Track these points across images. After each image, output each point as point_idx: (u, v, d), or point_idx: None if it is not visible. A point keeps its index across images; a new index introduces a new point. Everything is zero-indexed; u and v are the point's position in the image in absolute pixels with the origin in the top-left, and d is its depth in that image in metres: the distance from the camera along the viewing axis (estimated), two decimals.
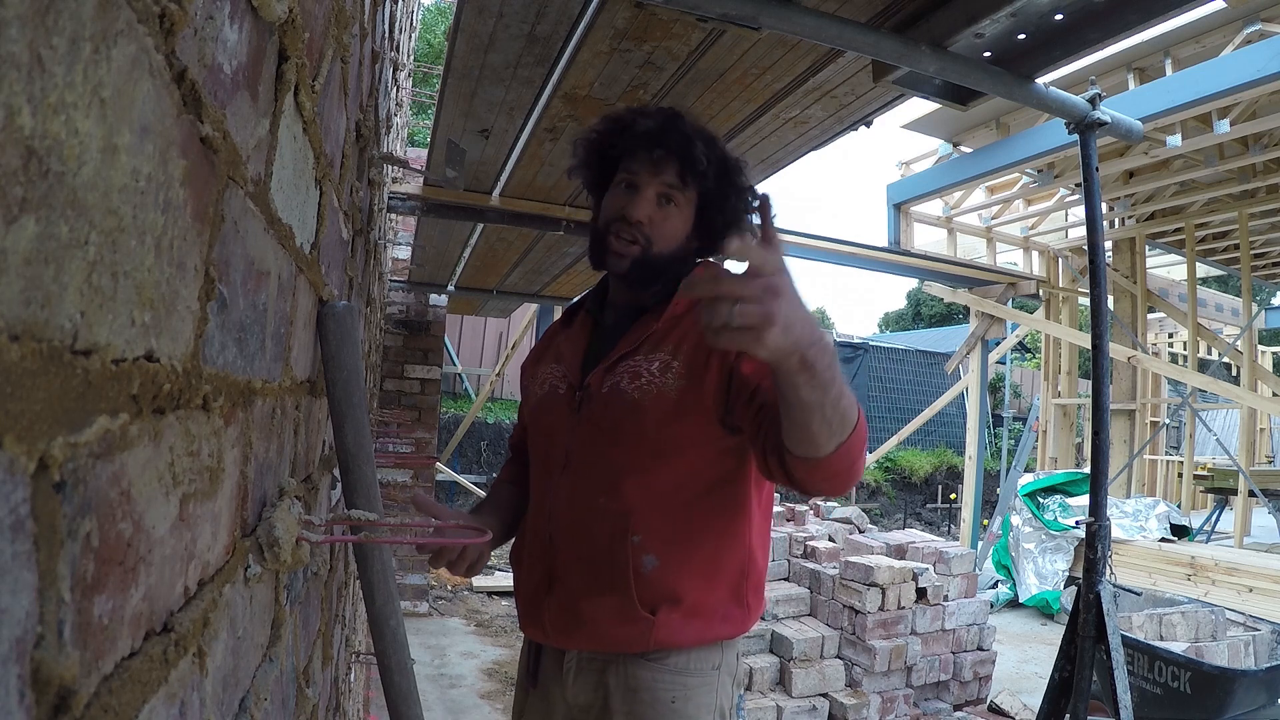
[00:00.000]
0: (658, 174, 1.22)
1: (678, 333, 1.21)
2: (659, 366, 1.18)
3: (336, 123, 0.81)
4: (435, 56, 10.58)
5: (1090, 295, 2.26)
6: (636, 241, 1.21)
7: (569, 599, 1.18)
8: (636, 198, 1.22)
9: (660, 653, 1.16)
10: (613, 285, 1.34)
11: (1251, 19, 4.13)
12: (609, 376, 1.21)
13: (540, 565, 1.22)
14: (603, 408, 1.20)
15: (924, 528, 10.02)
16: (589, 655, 1.20)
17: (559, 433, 1.24)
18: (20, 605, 0.21)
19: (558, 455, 1.23)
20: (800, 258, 6.00)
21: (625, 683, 1.17)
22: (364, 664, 2.27)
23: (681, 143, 1.22)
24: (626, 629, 1.15)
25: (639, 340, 1.22)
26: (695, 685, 1.17)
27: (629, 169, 1.24)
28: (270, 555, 0.55)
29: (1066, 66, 2.09)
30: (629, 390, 1.18)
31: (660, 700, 1.15)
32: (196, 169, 0.34)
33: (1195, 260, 7.20)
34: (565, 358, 1.30)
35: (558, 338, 1.37)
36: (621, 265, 1.22)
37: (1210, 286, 9.94)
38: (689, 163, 1.22)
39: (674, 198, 1.23)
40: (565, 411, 1.24)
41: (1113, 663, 2.05)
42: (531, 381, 1.36)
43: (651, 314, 1.25)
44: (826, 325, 18.63)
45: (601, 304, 1.35)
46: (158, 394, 0.31)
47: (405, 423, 5.25)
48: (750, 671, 3.57)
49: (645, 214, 1.21)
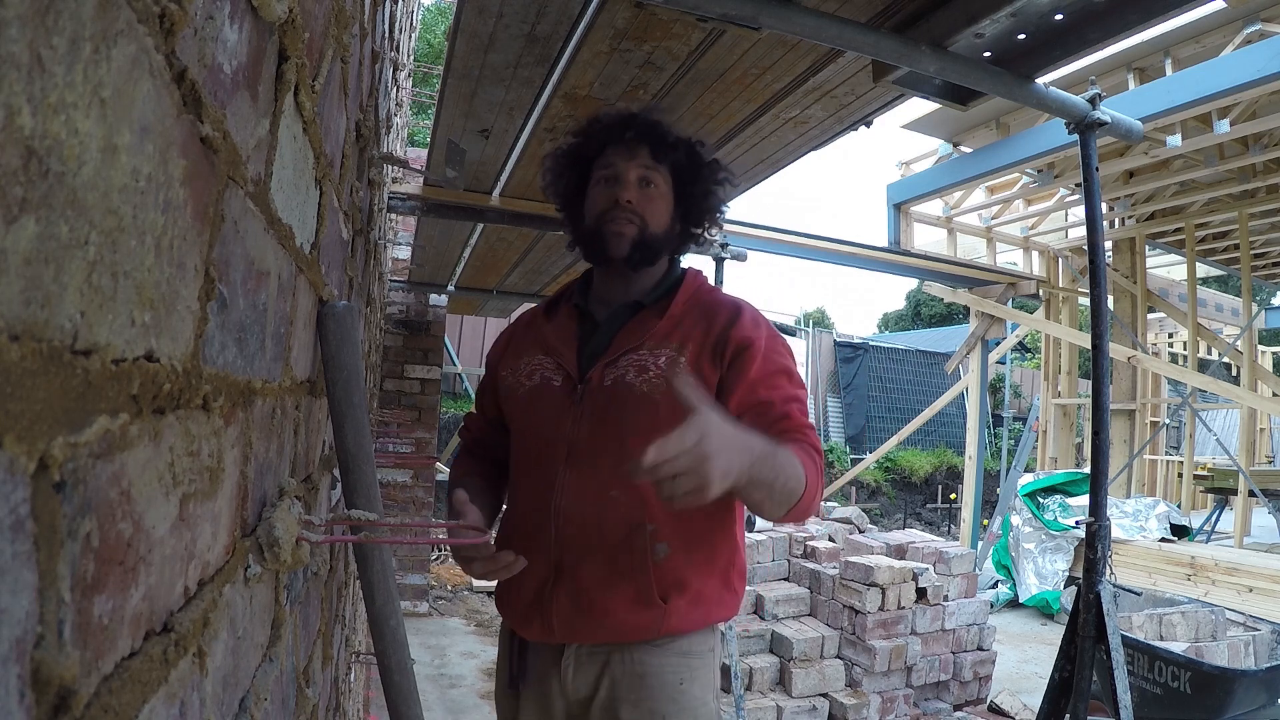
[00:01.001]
0: (633, 158, 1.28)
1: (680, 331, 1.23)
2: (666, 361, 1.20)
3: (336, 123, 0.81)
4: (435, 56, 10.58)
5: (1090, 295, 2.26)
6: (632, 222, 1.26)
7: (580, 591, 1.18)
8: (621, 183, 1.27)
9: (666, 638, 1.19)
10: (600, 279, 1.35)
11: (1251, 19, 4.13)
12: (611, 370, 1.22)
13: (543, 560, 1.20)
14: (608, 401, 1.20)
15: (924, 528, 10.03)
16: (589, 648, 1.21)
17: (558, 426, 1.23)
18: (20, 605, 0.21)
19: (558, 449, 1.22)
20: (800, 258, 6.00)
21: (632, 669, 1.18)
22: (364, 664, 2.27)
23: (646, 126, 1.29)
24: (640, 616, 1.17)
25: (642, 336, 1.24)
26: (699, 666, 1.21)
27: (604, 164, 1.30)
28: (270, 555, 0.55)
29: (1066, 66, 2.09)
30: (637, 384, 1.19)
31: (669, 683, 1.18)
32: (196, 169, 0.34)
33: (1195, 260, 7.20)
34: (557, 350, 1.29)
35: (541, 329, 1.35)
36: (623, 247, 1.26)
37: (1210, 286, 9.94)
38: (658, 141, 1.28)
39: (652, 179, 1.29)
40: (564, 404, 1.24)
41: (1113, 663, 2.05)
42: (513, 373, 1.33)
43: (651, 311, 1.28)
44: (826, 326, 18.62)
45: (586, 298, 1.36)
46: (158, 394, 0.31)
47: (405, 423, 5.24)
48: (750, 671, 3.57)
49: (633, 195, 1.26)
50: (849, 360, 13.14)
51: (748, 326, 1.22)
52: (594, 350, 1.27)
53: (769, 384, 1.19)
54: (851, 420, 12.69)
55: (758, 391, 1.18)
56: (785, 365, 1.23)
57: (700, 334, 1.22)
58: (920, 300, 22.26)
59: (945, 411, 9.89)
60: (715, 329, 1.22)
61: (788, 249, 5.82)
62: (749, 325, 1.22)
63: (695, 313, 1.26)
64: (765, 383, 1.18)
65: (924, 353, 14.13)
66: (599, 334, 1.29)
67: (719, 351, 1.20)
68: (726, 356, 1.20)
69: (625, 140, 1.28)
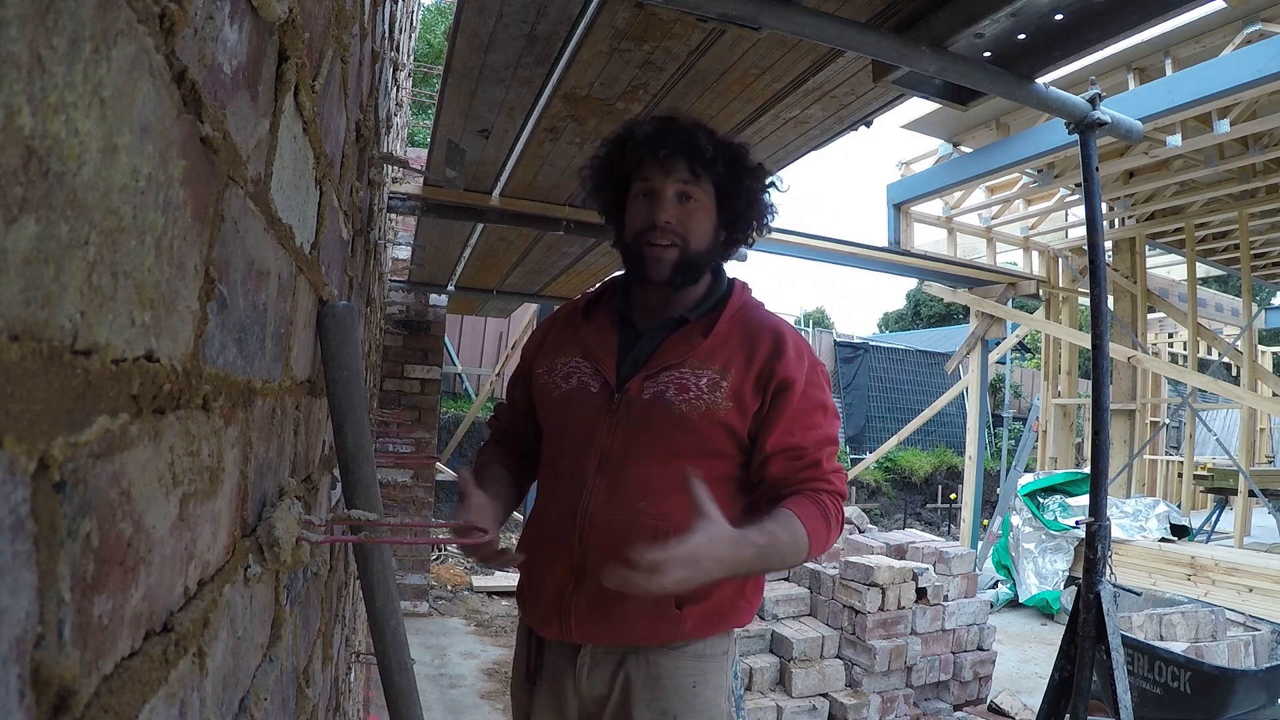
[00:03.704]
0: (670, 174, 1.24)
1: (725, 352, 1.24)
2: (708, 384, 1.21)
3: (336, 123, 0.81)
4: (435, 56, 10.58)
5: (1090, 295, 2.26)
6: (673, 244, 1.24)
7: (601, 595, 1.19)
8: (658, 202, 1.24)
9: (682, 642, 1.22)
10: (642, 290, 1.33)
11: (1251, 19, 4.13)
12: (650, 384, 1.22)
13: (567, 563, 1.22)
14: (645, 414, 1.21)
15: (924, 528, 10.02)
16: (605, 649, 1.22)
17: (592, 432, 1.24)
18: (20, 605, 0.21)
19: (589, 456, 1.23)
20: (800, 257, 6.00)
21: (647, 671, 1.21)
22: (364, 664, 2.27)
23: (684, 138, 1.25)
24: (657, 624, 1.20)
25: (685, 353, 1.24)
26: (711, 669, 1.24)
27: (642, 179, 1.27)
28: (270, 555, 0.55)
29: (1066, 66, 2.09)
30: (677, 402, 1.20)
31: (683, 685, 1.21)
32: (196, 169, 0.34)
33: (1195, 260, 7.19)
34: (596, 356, 1.29)
35: (579, 330, 1.34)
36: (664, 272, 1.24)
37: (1210, 286, 9.93)
38: (696, 155, 1.24)
39: (692, 194, 1.26)
40: (600, 412, 1.24)
41: (1113, 663, 2.05)
42: (549, 372, 1.32)
43: (696, 327, 1.27)
44: (826, 326, 18.61)
45: (627, 302, 1.35)
46: (158, 394, 0.31)
47: (405, 423, 5.24)
48: (750, 671, 3.57)
49: (671, 215, 1.24)
50: (849, 360, 13.14)
51: (791, 361, 1.23)
52: (635, 360, 1.27)
53: (805, 423, 1.22)
54: (851, 420, 12.68)
55: (793, 434, 1.21)
56: (822, 400, 1.26)
57: (744, 359, 1.23)
58: (920, 300, 22.25)
59: (945, 411, 9.88)
60: (759, 358, 1.23)
61: (788, 249, 5.82)
62: (793, 359, 1.23)
63: (740, 333, 1.26)
64: (801, 421, 1.22)
65: (924, 353, 14.12)
66: (640, 345, 1.28)
67: (761, 382, 1.22)
68: (770, 390, 1.22)
69: (660, 154, 1.24)
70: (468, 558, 1.26)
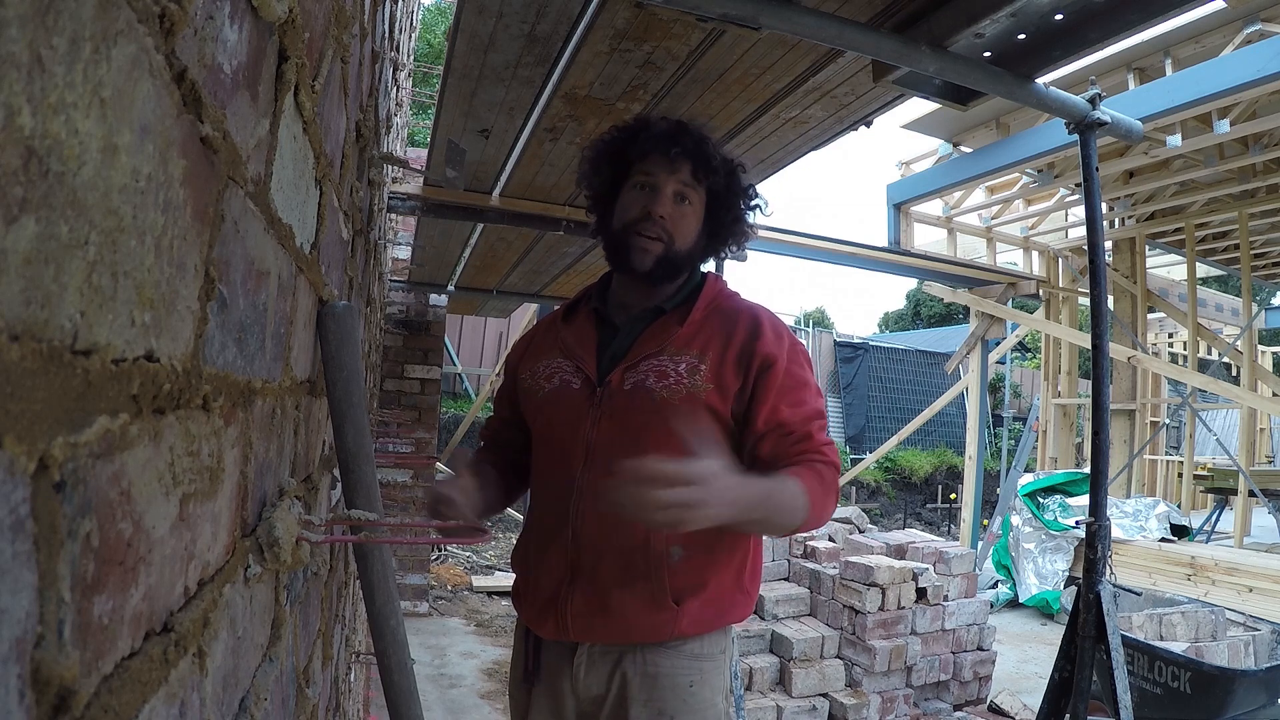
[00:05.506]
0: (674, 173, 1.27)
1: (702, 338, 1.25)
2: (686, 368, 1.22)
3: (336, 123, 0.81)
4: (435, 56, 10.57)
5: (1090, 295, 2.26)
6: (660, 239, 1.26)
7: (596, 591, 1.20)
8: (657, 195, 1.27)
9: (679, 640, 1.21)
10: (620, 284, 1.36)
11: (1251, 19, 4.13)
12: (630, 374, 1.24)
13: (561, 560, 1.23)
14: (627, 404, 1.22)
15: (924, 528, 10.02)
16: (602, 648, 1.22)
17: (576, 428, 1.25)
18: (20, 605, 0.21)
19: (576, 451, 1.24)
20: (800, 257, 6.00)
21: (644, 670, 1.20)
22: (364, 664, 2.27)
23: (695, 143, 1.28)
24: (653, 618, 1.19)
25: (663, 341, 1.25)
26: (709, 669, 1.24)
27: (644, 170, 1.29)
28: (270, 555, 0.55)
29: (1066, 66, 2.09)
30: (657, 389, 1.21)
31: (680, 685, 1.20)
32: (196, 169, 0.34)
33: (1195, 260, 7.19)
34: (576, 353, 1.31)
35: (559, 332, 1.37)
36: (646, 263, 1.26)
37: (1210, 286, 9.93)
38: (702, 161, 1.27)
39: (689, 196, 1.29)
40: (582, 407, 1.25)
41: (1113, 663, 2.05)
42: (532, 376, 1.35)
43: (672, 317, 1.29)
44: (826, 326, 18.61)
45: (604, 302, 1.37)
46: (158, 394, 0.31)
47: (405, 423, 5.24)
48: (750, 671, 3.57)
49: (666, 210, 1.26)
50: (849, 360, 13.14)
51: (770, 340, 1.24)
52: (614, 354, 1.28)
53: (792, 400, 1.22)
54: (851, 420, 12.69)
55: (781, 411, 1.21)
56: (805, 377, 1.26)
57: (721, 342, 1.24)
58: (920, 300, 22.24)
59: (945, 411, 9.88)
60: (738, 339, 1.24)
61: (788, 249, 5.82)
62: (771, 339, 1.24)
63: (716, 319, 1.28)
64: (788, 399, 1.22)
65: (924, 353, 14.12)
66: (619, 338, 1.30)
67: (743, 363, 1.23)
68: (752, 371, 1.22)
69: (670, 153, 1.27)
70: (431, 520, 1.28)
